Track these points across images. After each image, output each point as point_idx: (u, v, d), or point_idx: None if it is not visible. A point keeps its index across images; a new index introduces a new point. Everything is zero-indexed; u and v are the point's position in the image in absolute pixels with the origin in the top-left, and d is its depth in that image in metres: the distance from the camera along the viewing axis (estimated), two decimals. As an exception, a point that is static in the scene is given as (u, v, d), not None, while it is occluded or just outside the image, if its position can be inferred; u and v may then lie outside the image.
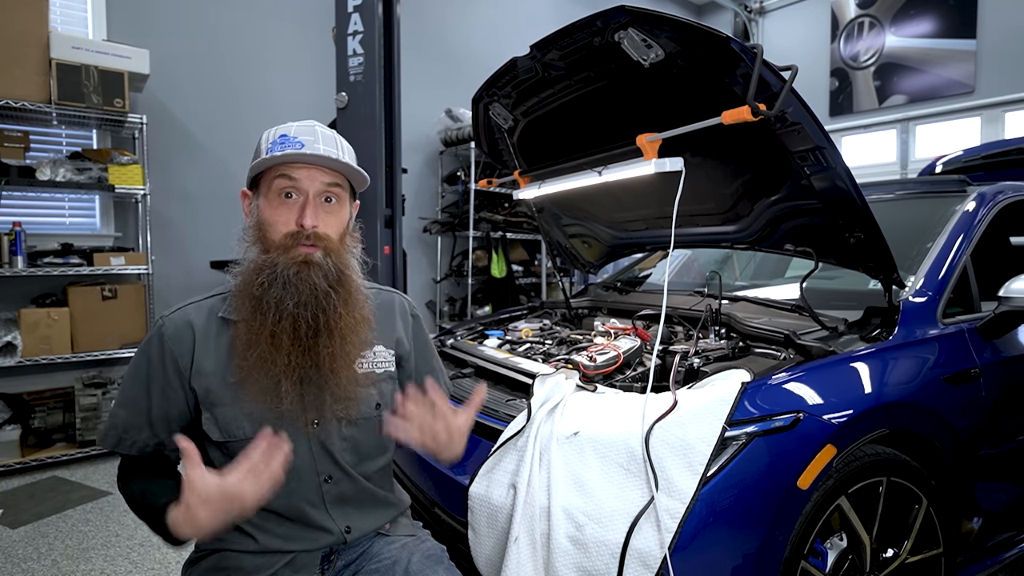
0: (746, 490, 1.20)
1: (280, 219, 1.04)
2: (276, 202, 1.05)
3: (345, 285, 1.06)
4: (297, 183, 1.04)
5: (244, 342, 1.02)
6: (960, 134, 5.96)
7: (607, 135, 1.73)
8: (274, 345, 1.00)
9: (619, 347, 1.68)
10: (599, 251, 2.61)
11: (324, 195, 1.07)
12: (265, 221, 1.05)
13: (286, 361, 1.00)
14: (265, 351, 1.00)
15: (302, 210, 1.04)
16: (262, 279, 1.01)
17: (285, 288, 1.00)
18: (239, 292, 1.05)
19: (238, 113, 4.30)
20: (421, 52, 5.23)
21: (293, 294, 1.00)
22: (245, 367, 1.02)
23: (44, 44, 3.16)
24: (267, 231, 1.05)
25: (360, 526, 1.13)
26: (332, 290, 1.04)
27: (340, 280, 1.06)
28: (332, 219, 1.08)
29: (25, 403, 3.39)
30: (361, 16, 3.28)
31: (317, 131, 1.08)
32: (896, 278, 1.58)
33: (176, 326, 1.07)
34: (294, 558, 1.07)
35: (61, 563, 2.28)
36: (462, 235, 5.26)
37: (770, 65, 1.28)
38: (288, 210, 1.04)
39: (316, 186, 1.06)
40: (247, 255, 1.07)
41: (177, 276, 4.06)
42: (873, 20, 6.48)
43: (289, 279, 1.00)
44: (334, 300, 1.04)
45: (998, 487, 1.75)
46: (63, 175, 3.29)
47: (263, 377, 1.01)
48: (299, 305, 1.00)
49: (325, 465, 1.09)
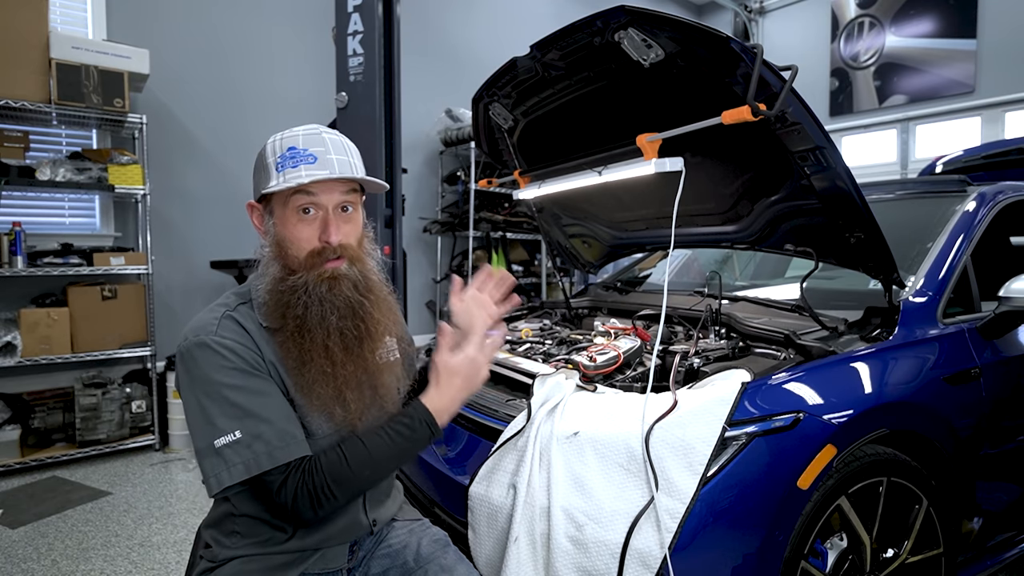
0: (746, 490, 1.20)
1: (303, 236, 1.03)
2: (295, 219, 1.03)
3: (373, 290, 1.09)
4: (316, 199, 1.03)
5: (297, 359, 1.02)
6: (960, 134, 5.96)
7: (607, 135, 1.73)
8: (330, 359, 1.02)
9: (619, 347, 1.68)
10: (599, 251, 2.61)
11: (342, 205, 1.06)
12: (286, 239, 1.04)
13: (344, 371, 1.03)
14: (322, 365, 1.02)
15: (324, 226, 1.03)
16: (300, 299, 1.02)
17: (323, 305, 1.02)
18: (273, 308, 1.04)
19: (238, 113, 4.30)
20: (421, 52, 5.23)
21: (332, 309, 1.02)
22: (305, 383, 1.02)
23: (44, 44, 3.16)
24: (289, 249, 1.04)
25: (383, 517, 1.18)
26: (364, 298, 1.06)
27: (368, 286, 1.08)
28: (350, 227, 1.08)
29: (25, 403, 3.39)
30: (361, 16, 3.28)
31: (325, 139, 1.05)
32: (896, 278, 1.58)
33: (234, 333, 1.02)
34: (324, 552, 1.09)
35: (61, 563, 2.28)
36: (462, 235, 5.26)
37: (770, 65, 1.27)
38: (308, 227, 1.03)
39: (335, 199, 1.05)
40: (268, 269, 1.06)
41: (177, 276, 4.06)
42: (873, 20, 6.48)
43: (324, 296, 1.02)
44: (368, 307, 1.06)
45: (998, 487, 1.75)
46: (63, 175, 3.29)
47: (327, 388, 1.02)
48: (342, 319, 1.03)
49: None
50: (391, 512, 1.21)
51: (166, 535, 2.47)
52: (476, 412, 1.60)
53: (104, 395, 3.43)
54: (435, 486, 1.58)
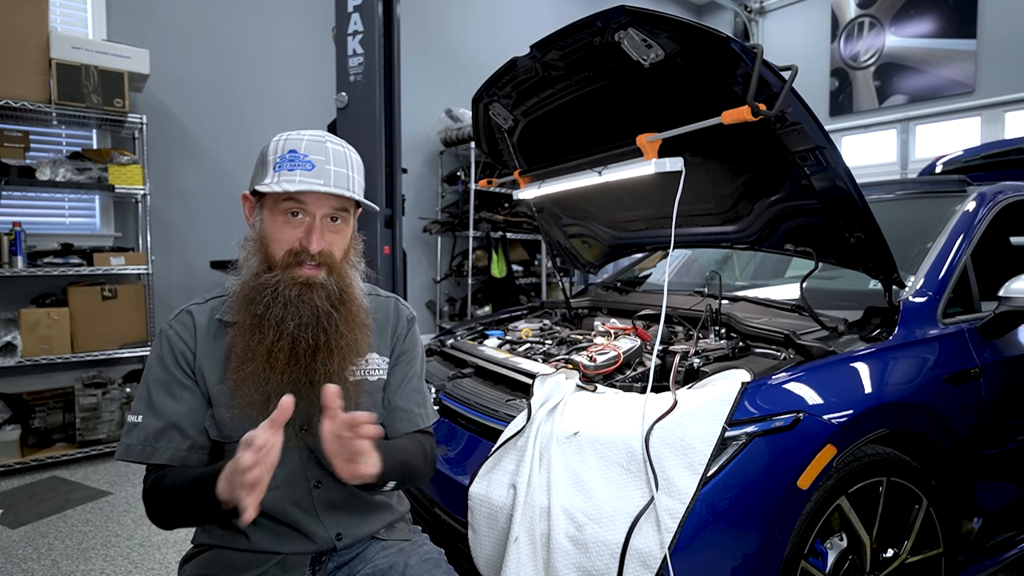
0: (746, 490, 1.20)
1: (284, 237, 1.04)
2: (281, 219, 1.04)
3: (347, 304, 1.06)
4: (305, 206, 1.03)
5: (240, 355, 1.02)
6: (960, 134, 5.96)
7: (607, 135, 1.73)
8: (269, 363, 1.00)
9: (619, 347, 1.68)
10: (599, 251, 2.61)
11: (331, 216, 1.06)
12: (268, 237, 1.04)
13: (279, 379, 1.00)
14: (259, 368, 1.00)
15: (308, 233, 1.03)
16: (265, 297, 1.01)
17: (286, 308, 1.00)
18: (239, 301, 1.05)
19: (238, 113, 4.30)
20: (421, 52, 5.23)
21: (295, 315, 1.00)
22: (237, 379, 1.01)
23: (44, 44, 3.16)
24: (270, 246, 1.04)
25: (352, 532, 1.12)
26: (334, 310, 1.04)
27: (342, 299, 1.05)
28: (337, 238, 1.07)
29: (25, 403, 3.39)
30: (361, 16, 3.28)
31: (328, 148, 1.04)
32: (896, 278, 1.58)
33: (181, 325, 1.09)
34: (284, 559, 1.07)
35: (61, 563, 2.28)
36: (462, 235, 5.26)
37: (770, 65, 1.28)
38: (293, 229, 1.04)
39: (324, 209, 1.04)
40: (248, 262, 1.06)
41: (177, 276, 4.06)
42: (873, 20, 6.48)
43: (290, 300, 1.00)
44: (336, 320, 1.04)
45: (998, 487, 1.75)
46: (63, 175, 3.29)
47: (253, 392, 1.00)
48: (300, 327, 1.01)
49: (315, 471, 1.09)
50: (370, 528, 1.15)
51: (166, 535, 2.47)
52: (476, 412, 1.60)
53: (104, 395, 3.43)
54: (435, 486, 1.58)
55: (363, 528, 1.14)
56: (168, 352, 1.06)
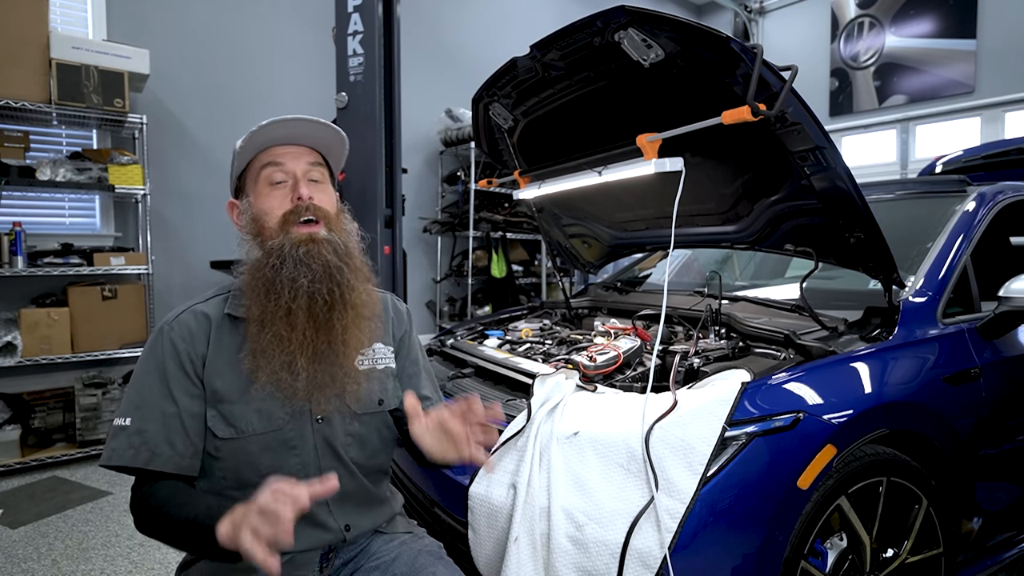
0: (746, 490, 1.20)
1: (274, 204, 1.07)
2: (267, 190, 1.07)
3: (352, 256, 1.09)
4: (283, 166, 1.08)
5: (258, 323, 1.02)
6: (960, 134, 5.96)
7: (607, 135, 1.73)
8: (289, 323, 1.01)
9: (619, 347, 1.68)
10: (599, 251, 2.61)
11: (309, 175, 1.10)
12: (260, 211, 1.07)
13: (301, 337, 1.01)
14: (281, 328, 1.00)
15: (295, 188, 1.07)
16: (272, 261, 1.02)
17: (297, 267, 1.01)
18: (249, 283, 1.05)
19: (238, 113, 4.30)
20: (421, 52, 5.23)
21: (306, 272, 1.01)
22: (259, 347, 1.01)
23: (44, 44, 3.16)
24: (264, 220, 1.06)
25: (359, 524, 1.13)
26: (344, 264, 1.06)
27: (348, 251, 1.08)
28: (323, 196, 1.11)
29: (25, 403, 3.39)
30: (361, 16, 3.28)
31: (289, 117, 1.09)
32: (896, 278, 1.58)
33: (184, 325, 1.06)
34: (292, 557, 1.06)
35: (61, 563, 2.28)
36: (462, 235, 5.26)
37: (770, 65, 1.28)
38: (281, 193, 1.07)
39: (302, 166, 1.09)
40: (249, 255, 1.08)
41: (177, 276, 4.06)
42: (873, 20, 6.48)
43: (300, 257, 1.02)
44: (346, 273, 1.06)
45: (998, 487, 1.75)
46: (63, 175, 3.29)
47: (279, 353, 1.00)
48: (314, 281, 1.02)
49: (329, 461, 1.09)
50: (375, 522, 1.16)
51: (166, 535, 2.47)
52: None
53: (104, 395, 3.43)
54: (435, 486, 1.58)
55: (369, 521, 1.15)
56: (170, 353, 1.03)
